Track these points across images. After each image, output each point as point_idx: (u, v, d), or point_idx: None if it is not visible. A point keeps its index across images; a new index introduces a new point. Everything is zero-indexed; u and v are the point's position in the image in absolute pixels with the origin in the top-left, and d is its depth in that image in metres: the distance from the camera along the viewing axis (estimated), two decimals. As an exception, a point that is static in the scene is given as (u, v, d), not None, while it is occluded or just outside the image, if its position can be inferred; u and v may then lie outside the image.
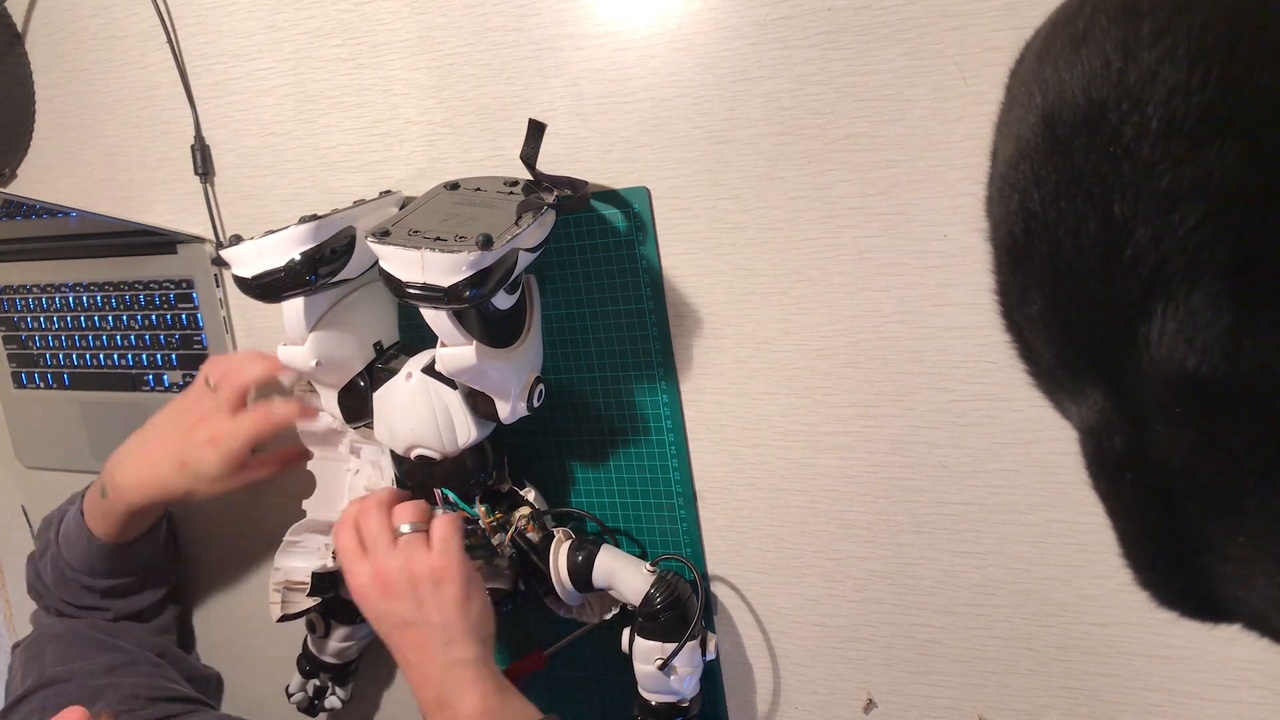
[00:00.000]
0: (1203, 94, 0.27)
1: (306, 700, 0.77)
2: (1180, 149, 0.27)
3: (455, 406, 0.59)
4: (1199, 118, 0.27)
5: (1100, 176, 0.29)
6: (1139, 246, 0.28)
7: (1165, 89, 0.27)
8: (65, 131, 0.83)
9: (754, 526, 0.64)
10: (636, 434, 0.66)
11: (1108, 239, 0.29)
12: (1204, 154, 0.27)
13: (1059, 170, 0.30)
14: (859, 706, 0.64)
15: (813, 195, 0.57)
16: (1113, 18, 0.29)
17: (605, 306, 0.64)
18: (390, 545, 0.58)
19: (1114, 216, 0.28)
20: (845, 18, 0.54)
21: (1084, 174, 0.29)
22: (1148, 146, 0.27)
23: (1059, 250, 0.31)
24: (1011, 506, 0.57)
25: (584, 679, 0.72)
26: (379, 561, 0.57)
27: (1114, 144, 0.28)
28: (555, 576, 0.63)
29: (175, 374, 0.82)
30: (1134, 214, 0.28)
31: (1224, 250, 0.27)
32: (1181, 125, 0.27)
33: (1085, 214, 0.29)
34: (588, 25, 0.61)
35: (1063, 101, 0.30)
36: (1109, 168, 0.28)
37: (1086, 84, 0.29)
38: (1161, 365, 0.28)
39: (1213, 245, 0.27)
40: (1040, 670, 0.58)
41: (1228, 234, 0.27)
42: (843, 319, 0.58)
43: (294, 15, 0.70)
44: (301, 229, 0.55)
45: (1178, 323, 0.27)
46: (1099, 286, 0.30)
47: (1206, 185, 0.27)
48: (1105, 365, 0.31)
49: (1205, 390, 0.28)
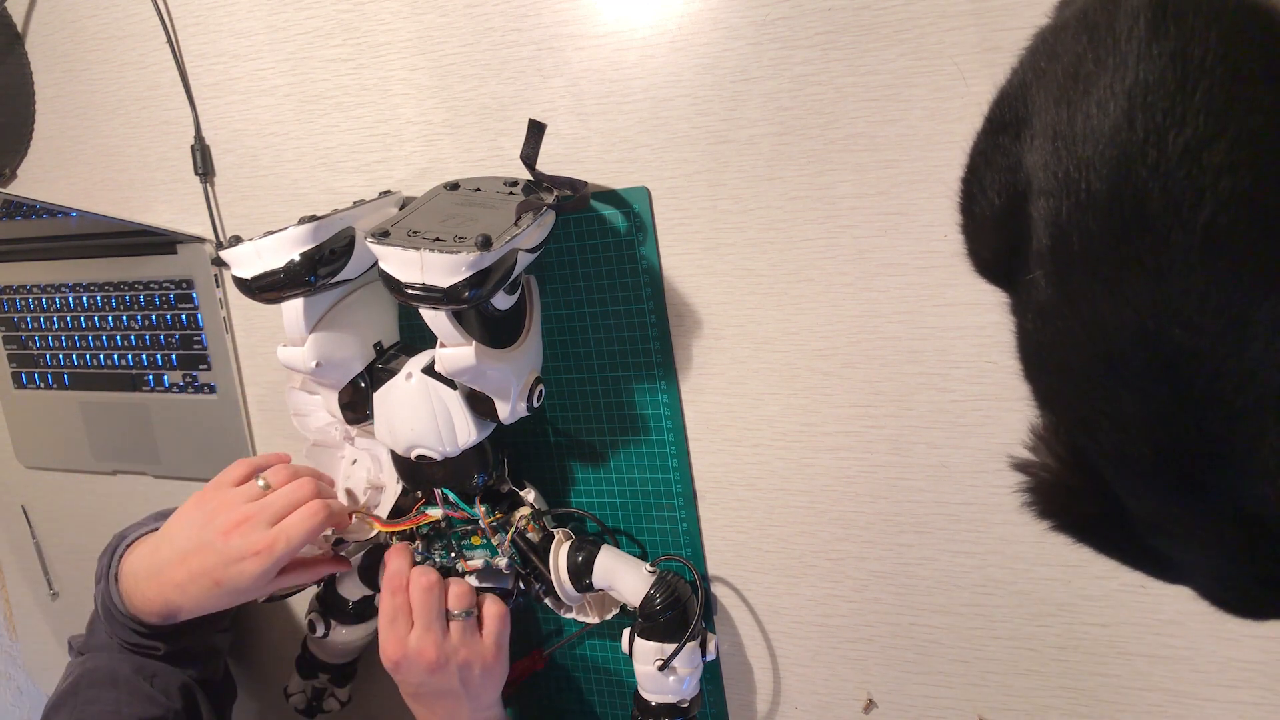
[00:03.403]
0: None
1: (305, 701, 0.77)
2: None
3: (455, 407, 0.59)
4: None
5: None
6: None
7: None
8: (65, 131, 0.83)
9: (754, 526, 0.64)
10: (636, 434, 0.66)
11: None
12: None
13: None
14: (859, 706, 0.64)
15: (813, 195, 0.57)
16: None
17: (605, 306, 0.64)
18: (444, 628, 0.60)
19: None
20: (845, 18, 0.54)
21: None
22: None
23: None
24: (1011, 506, 0.56)
25: (584, 679, 0.72)
26: (431, 642, 0.59)
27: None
28: (555, 576, 0.63)
29: (175, 374, 0.82)
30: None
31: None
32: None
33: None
34: (588, 25, 0.61)
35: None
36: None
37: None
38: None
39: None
40: (1040, 670, 0.58)
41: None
42: (843, 319, 0.58)
43: (294, 15, 0.70)
44: (301, 229, 0.55)
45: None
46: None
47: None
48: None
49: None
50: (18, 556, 1.00)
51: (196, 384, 0.82)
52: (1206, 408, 0.32)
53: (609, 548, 0.63)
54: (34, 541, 0.98)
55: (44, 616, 1.01)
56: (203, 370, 0.81)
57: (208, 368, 0.81)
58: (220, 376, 0.81)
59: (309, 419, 0.69)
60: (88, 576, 0.92)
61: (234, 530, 0.59)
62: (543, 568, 0.63)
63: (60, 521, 0.96)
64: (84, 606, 0.98)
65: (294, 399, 0.68)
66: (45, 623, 1.01)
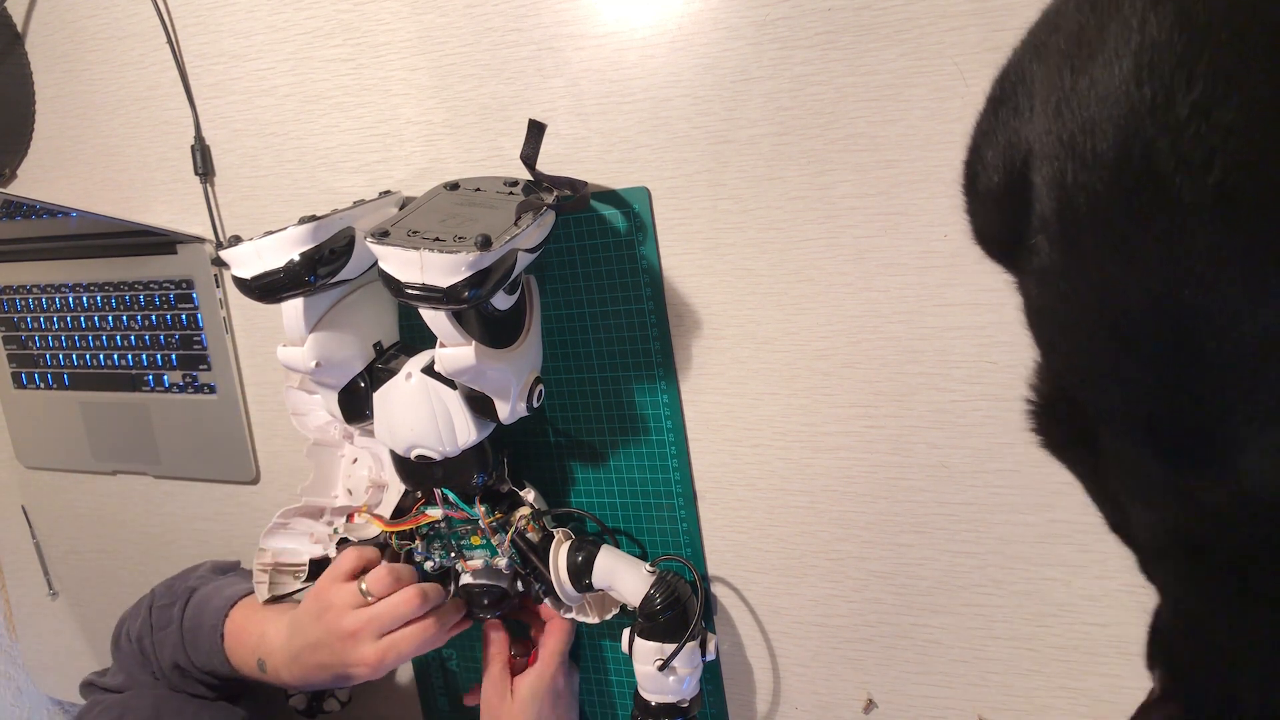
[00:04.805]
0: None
1: (306, 701, 0.77)
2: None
3: (455, 407, 0.59)
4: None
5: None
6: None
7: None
8: (65, 131, 0.83)
9: (754, 526, 0.64)
10: (636, 434, 0.66)
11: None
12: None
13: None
14: (859, 706, 0.64)
15: (813, 195, 0.57)
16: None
17: (605, 306, 0.64)
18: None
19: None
20: (845, 18, 0.54)
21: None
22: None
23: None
24: (1011, 506, 0.57)
25: (584, 679, 0.72)
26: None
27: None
28: (555, 576, 0.63)
29: (175, 374, 0.82)
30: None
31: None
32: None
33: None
34: (588, 25, 0.61)
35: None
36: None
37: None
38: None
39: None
40: (1040, 670, 0.58)
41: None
42: (843, 319, 0.58)
43: (294, 15, 0.70)
44: (300, 229, 0.55)
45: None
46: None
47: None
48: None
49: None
50: (18, 556, 1.00)
51: (196, 384, 0.82)
52: (1216, 371, 0.32)
53: (609, 548, 0.63)
54: (34, 541, 0.98)
55: (44, 616, 1.01)
56: (203, 370, 0.81)
57: (208, 368, 0.81)
58: (220, 376, 0.80)
59: (307, 418, 0.69)
60: (88, 576, 0.92)
61: (349, 638, 0.62)
62: (542, 568, 0.63)
63: (60, 521, 0.96)
64: (84, 607, 0.98)
65: (292, 398, 0.68)
66: (45, 623, 1.01)
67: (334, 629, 0.62)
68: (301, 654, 0.64)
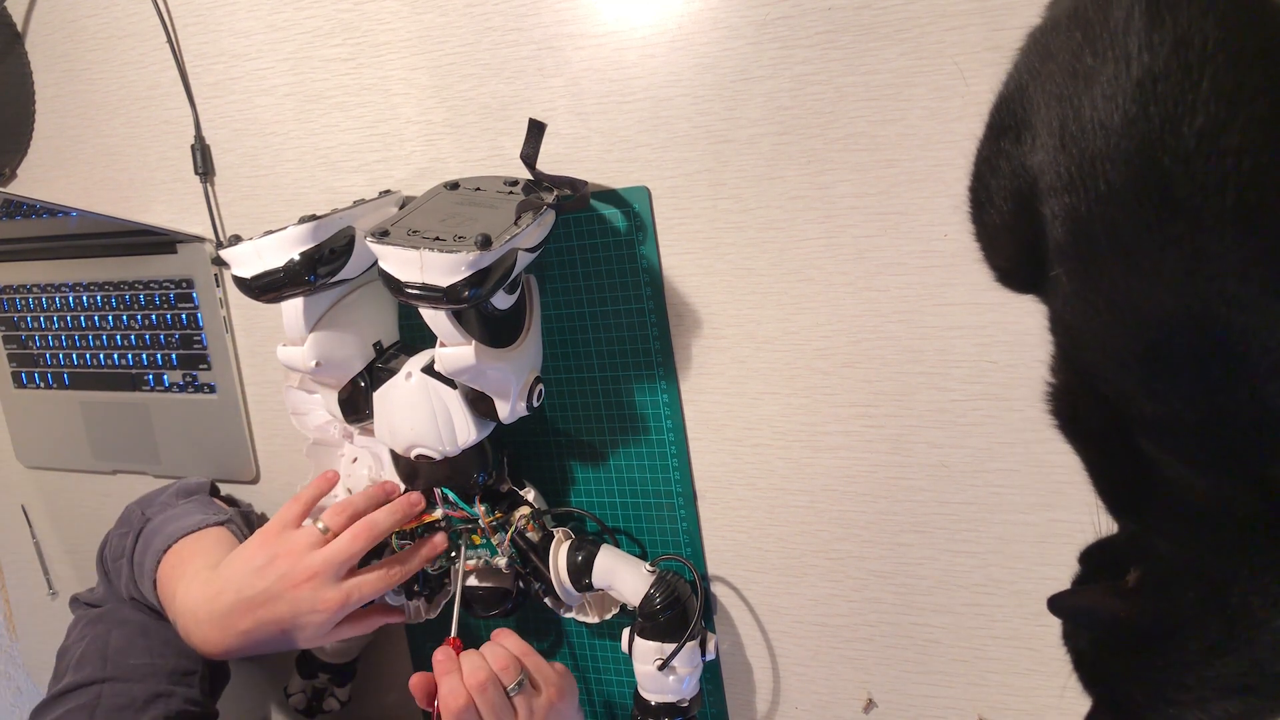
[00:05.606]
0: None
1: (305, 701, 0.77)
2: None
3: (455, 406, 0.59)
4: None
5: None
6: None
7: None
8: (65, 131, 0.83)
9: (754, 526, 0.64)
10: (636, 434, 0.66)
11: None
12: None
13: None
14: (859, 706, 0.64)
15: (813, 195, 0.57)
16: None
17: (605, 306, 0.64)
18: (513, 711, 0.58)
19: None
20: (845, 18, 0.54)
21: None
22: None
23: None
24: (1011, 506, 0.57)
25: (583, 679, 0.72)
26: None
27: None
28: (555, 576, 0.63)
29: (175, 374, 0.82)
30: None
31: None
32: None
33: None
34: (588, 25, 0.61)
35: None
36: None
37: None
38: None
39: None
40: (1040, 670, 0.58)
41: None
42: (843, 319, 0.58)
43: (294, 15, 0.70)
44: (300, 229, 0.55)
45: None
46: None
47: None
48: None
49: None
50: (18, 556, 1.00)
51: (196, 384, 0.82)
52: (1266, 381, 0.32)
53: (609, 547, 0.63)
54: (34, 541, 0.98)
55: (44, 616, 1.01)
56: (203, 370, 0.81)
57: (208, 367, 0.81)
58: (220, 376, 0.81)
59: (307, 418, 0.69)
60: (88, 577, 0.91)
61: (304, 584, 0.57)
62: (542, 567, 0.63)
63: (60, 521, 0.96)
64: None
65: (291, 398, 0.68)
66: (45, 623, 1.01)
67: (291, 574, 0.57)
68: (231, 615, 0.58)
